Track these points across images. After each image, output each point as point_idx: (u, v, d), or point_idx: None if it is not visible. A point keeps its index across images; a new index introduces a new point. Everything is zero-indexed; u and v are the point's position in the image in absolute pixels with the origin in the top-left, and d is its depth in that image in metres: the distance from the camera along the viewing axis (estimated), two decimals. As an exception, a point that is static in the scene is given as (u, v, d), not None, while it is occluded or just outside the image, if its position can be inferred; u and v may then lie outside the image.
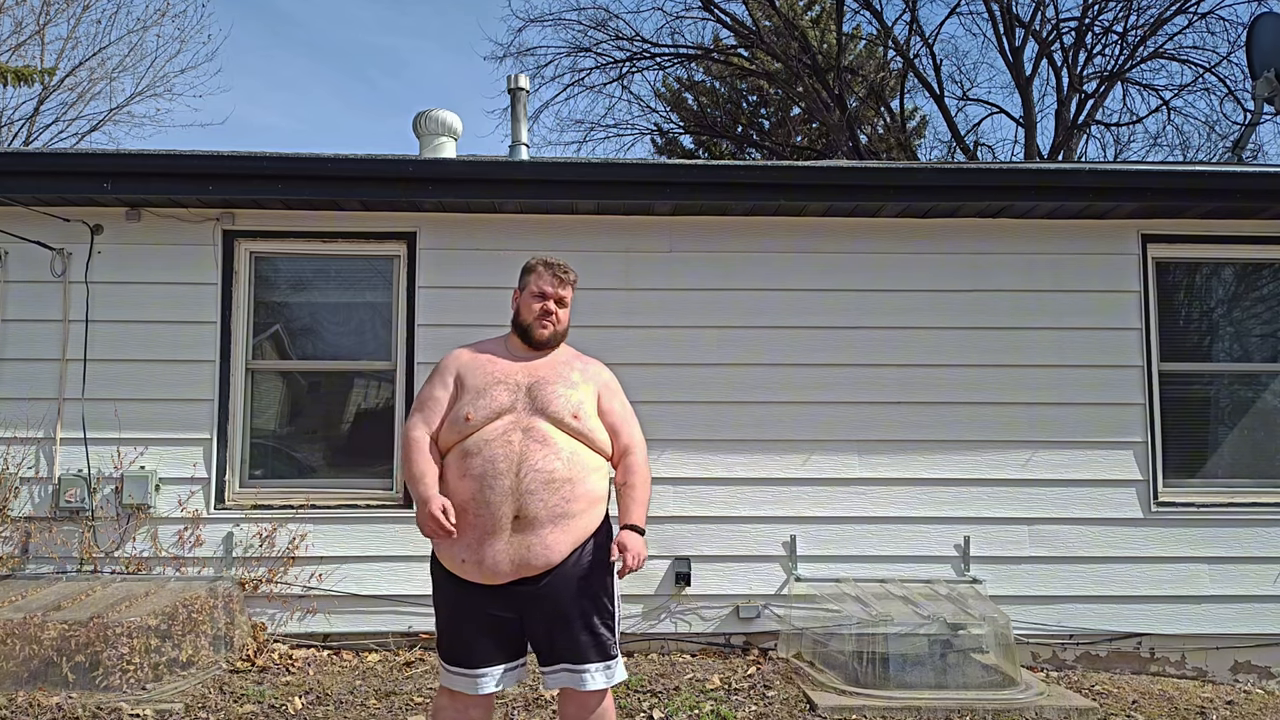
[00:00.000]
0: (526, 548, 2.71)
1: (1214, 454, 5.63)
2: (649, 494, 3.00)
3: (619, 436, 2.96)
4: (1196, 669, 5.32)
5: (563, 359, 3.00)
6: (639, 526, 2.92)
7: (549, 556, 2.73)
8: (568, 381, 2.90)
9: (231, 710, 4.13)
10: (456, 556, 2.77)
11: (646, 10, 31.30)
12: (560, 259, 3.08)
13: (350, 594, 5.22)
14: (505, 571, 2.71)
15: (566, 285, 3.03)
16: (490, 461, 2.73)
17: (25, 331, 5.32)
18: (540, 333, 2.96)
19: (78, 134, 18.59)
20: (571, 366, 2.98)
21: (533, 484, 2.71)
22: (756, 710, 4.28)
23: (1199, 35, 21.06)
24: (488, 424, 2.79)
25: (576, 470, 2.79)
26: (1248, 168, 6.36)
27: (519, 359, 2.95)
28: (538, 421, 2.79)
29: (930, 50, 17.41)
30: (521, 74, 6.23)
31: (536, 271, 3.04)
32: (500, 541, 2.71)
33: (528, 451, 2.74)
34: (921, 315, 5.49)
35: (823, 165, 7.84)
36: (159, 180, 5.21)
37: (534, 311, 2.97)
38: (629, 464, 2.97)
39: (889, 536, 5.37)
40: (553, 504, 2.73)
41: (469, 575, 2.75)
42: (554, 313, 2.98)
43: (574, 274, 3.07)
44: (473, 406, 2.81)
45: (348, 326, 5.69)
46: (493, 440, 2.76)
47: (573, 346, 3.09)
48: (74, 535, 5.19)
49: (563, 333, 3.02)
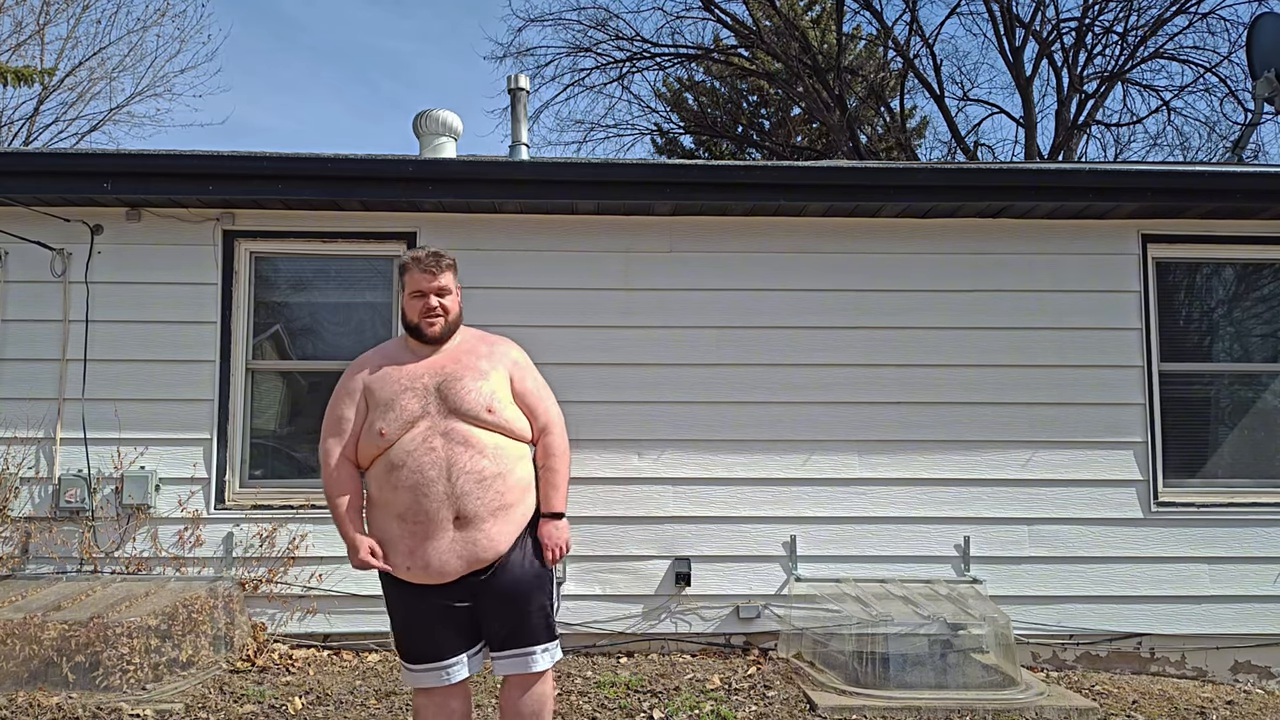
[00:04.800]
0: (473, 543, 2.76)
1: (1214, 454, 5.63)
2: (568, 472, 3.01)
3: (536, 416, 2.97)
4: (1196, 669, 5.33)
5: (466, 348, 2.95)
6: (557, 511, 2.95)
7: (496, 548, 2.79)
8: (476, 372, 2.87)
9: (231, 710, 4.13)
10: (400, 565, 2.81)
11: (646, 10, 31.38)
12: (432, 248, 2.98)
13: (350, 594, 5.22)
14: (455, 569, 2.76)
15: (441, 273, 2.92)
16: (418, 471, 2.74)
17: (25, 331, 5.32)
18: (430, 330, 2.91)
19: (78, 134, 18.61)
20: (477, 354, 2.93)
21: (466, 485, 2.74)
22: (756, 710, 4.28)
23: (1199, 35, 21.09)
24: (404, 434, 2.79)
25: (504, 464, 2.82)
26: (1248, 168, 6.36)
27: (421, 358, 2.91)
28: (455, 423, 2.79)
29: (930, 50, 17.43)
30: (521, 74, 6.23)
31: (409, 271, 2.93)
32: (443, 541, 2.75)
33: (454, 455, 2.75)
34: (921, 315, 5.49)
35: (823, 165, 7.83)
36: (159, 180, 5.21)
37: (417, 310, 2.91)
38: (547, 444, 2.98)
39: (889, 536, 5.37)
40: (489, 499, 2.77)
41: (416, 579, 2.80)
42: (437, 305, 2.90)
43: (449, 258, 2.97)
44: (384, 420, 2.80)
45: (348, 326, 5.69)
46: (415, 450, 2.76)
47: (480, 330, 3.07)
48: (74, 535, 5.19)
49: (455, 322, 2.96)
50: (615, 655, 5.20)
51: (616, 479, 5.34)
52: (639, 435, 5.38)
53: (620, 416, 5.37)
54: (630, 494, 5.34)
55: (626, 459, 5.36)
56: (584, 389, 5.27)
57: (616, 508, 5.33)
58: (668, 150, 20.48)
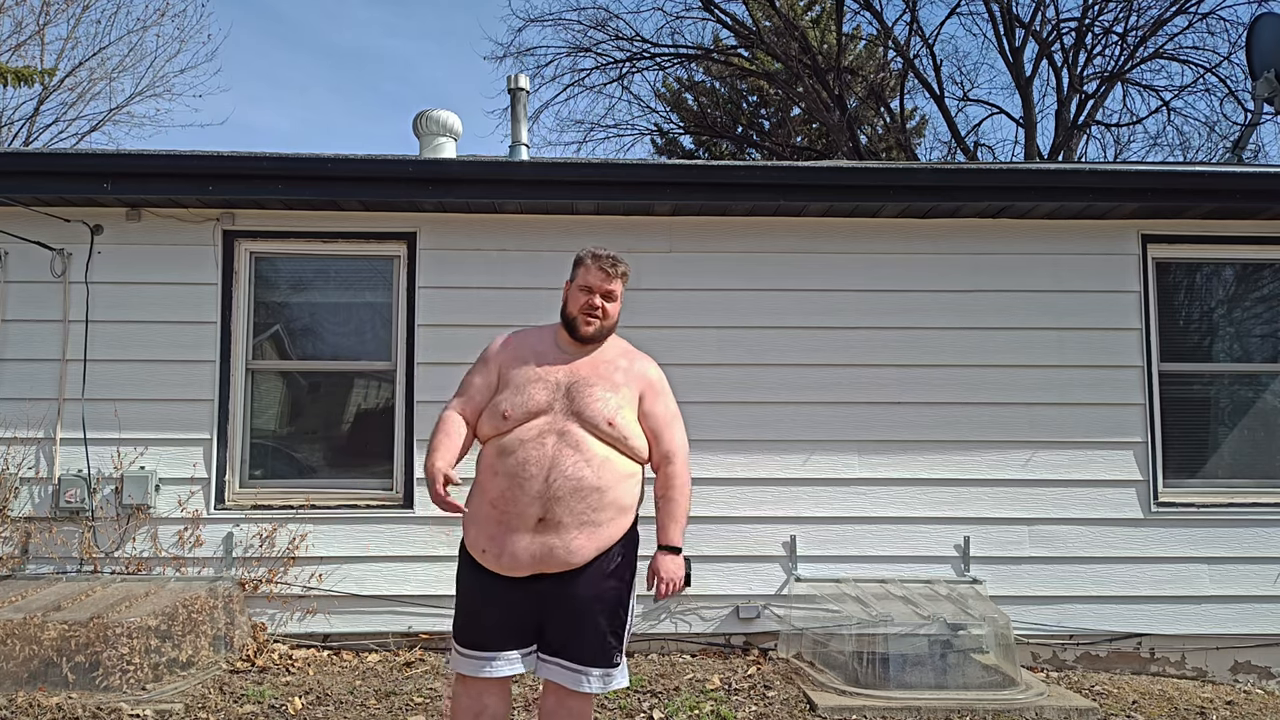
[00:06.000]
0: (548, 548, 2.72)
1: (1214, 454, 5.63)
2: (689, 505, 2.95)
3: (659, 442, 2.91)
4: (1196, 669, 5.32)
5: (608, 356, 2.93)
6: (675, 546, 2.90)
7: (569, 559, 2.74)
8: (609, 383, 2.85)
9: (231, 710, 4.13)
10: (479, 545, 2.80)
11: (646, 10, 31.35)
12: (611, 251, 2.95)
13: (350, 594, 5.22)
14: (524, 565, 2.73)
15: (615, 279, 2.91)
16: (522, 464, 2.72)
17: (25, 331, 5.32)
18: (585, 328, 2.88)
19: (78, 134, 18.60)
20: (615, 365, 2.90)
21: (561, 490, 2.70)
22: (756, 710, 4.28)
23: (1199, 35, 21.04)
24: (523, 423, 2.77)
25: (606, 478, 2.76)
26: (1248, 168, 6.36)
27: (563, 353, 2.90)
28: (573, 425, 2.76)
29: (930, 50, 17.42)
30: (521, 74, 6.23)
31: (585, 264, 2.92)
32: (523, 539, 2.72)
33: (560, 456, 2.72)
34: (921, 315, 5.48)
35: (823, 165, 7.84)
36: (159, 180, 5.21)
37: (580, 305, 2.88)
38: (669, 474, 2.93)
39: (889, 536, 5.37)
40: (578, 511, 2.72)
41: (488, 564, 2.78)
42: (600, 307, 2.88)
43: (624, 265, 2.94)
44: (510, 404, 2.80)
45: (348, 327, 5.69)
46: (527, 441, 2.75)
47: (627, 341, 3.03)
48: (74, 535, 5.19)
49: (610, 327, 2.94)
50: (615, 655, 5.20)
51: (616, 479, 5.33)
52: None
53: (620, 416, 5.35)
54: (630, 494, 5.33)
55: (626, 459, 5.35)
56: (584, 389, 5.25)
57: (616, 508, 5.31)
58: (668, 150, 20.47)
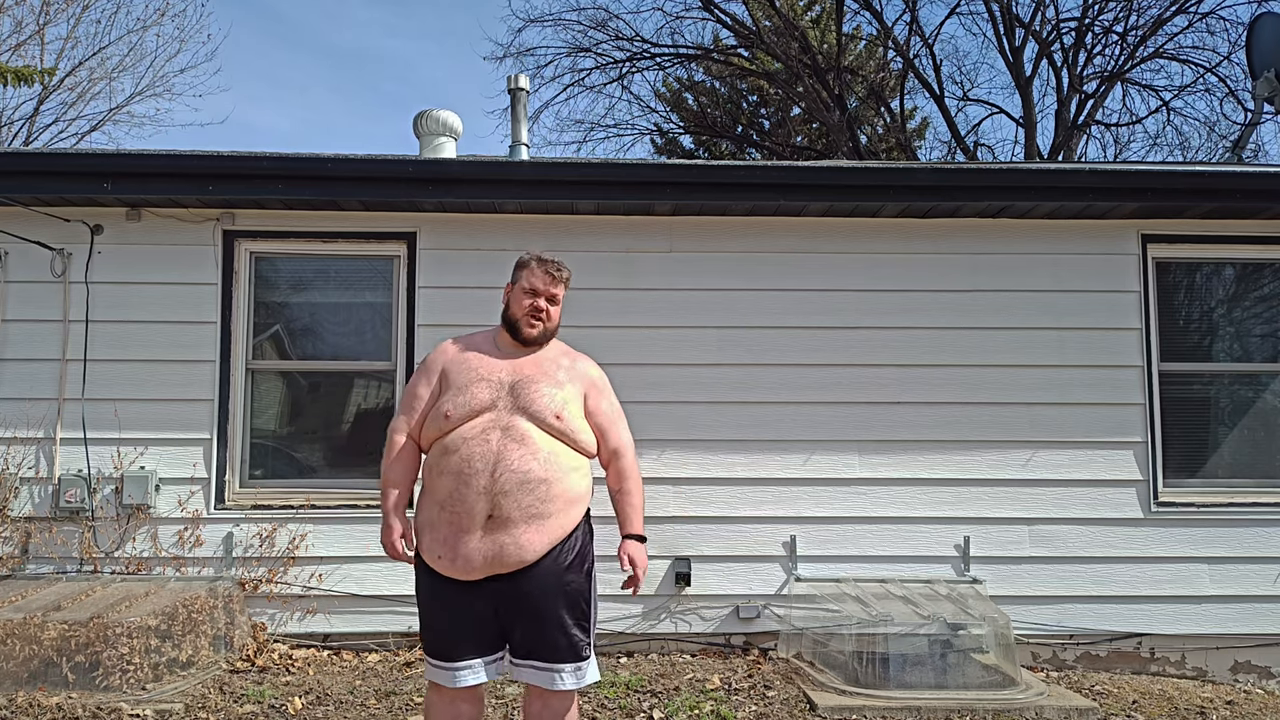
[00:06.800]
0: (499, 546, 2.72)
1: (1214, 454, 5.63)
2: (643, 495, 3.01)
3: (607, 438, 2.97)
4: (1196, 669, 5.33)
5: (550, 356, 2.97)
6: (640, 534, 2.93)
7: (522, 555, 2.73)
8: (553, 380, 2.88)
9: (231, 710, 4.13)
10: (434, 552, 2.79)
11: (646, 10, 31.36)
12: (555, 256, 3.03)
13: (350, 594, 5.22)
14: (477, 566, 2.73)
15: (559, 283, 2.98)
16: (466, 460, 2.73)
17: (25, 331, 5.32)
18: (529, 330, 2.93)
19: (78, 134, 18.59)
20: (558, 364, 2.95)
21: (507, 484, 2.71)
22: (756, 710, 4.28)
23: (1199, 35, 21.04)
24: (466, 421, 2.79)
25: (554, 470, 2.77)
26: (1248, 168, 6.35)
27: (506, 355, 2.94)
28: (518, 420, 2.78)
29: (930, 50, 17.41)
30: (521, 74, 6.23)
31: (529, 268, 2.97)
32: (473, 539, 2.72)
33: (505, 451, 2.73)
34: (921, 315, 5.49)
35: (823, 165, 7.83)
36: (159, 180, 5.21)
37: (524, 308, 2.93)
38: (621, 468, 2.97)
39: (889, 536, 5.37)
40: (526, 504, 2.72)
41: (444, 570, 2.77)
42: (544, 310, 2.94)
43: (568, 271, 3.02)
44: (453, 404, 2.82)
45: (348, 327, 5.69)
46: (471, 438, 2.76)
47: (566, 343, 3.07)
48: (74, 535, 5.19)
49: (553, 330, 2.99)
50: (615, 655, 5.20)
51: (616, 479, 5.33)
52: (639, 435, 5.24)
53: (620, 416, 5.36)
54: (630, 494, 5.33)
55: (626, 459, 5.36)
56: (584, 389, 5.26)
57: (616, 508, 5.32)
58: (668, 150, 20.47)
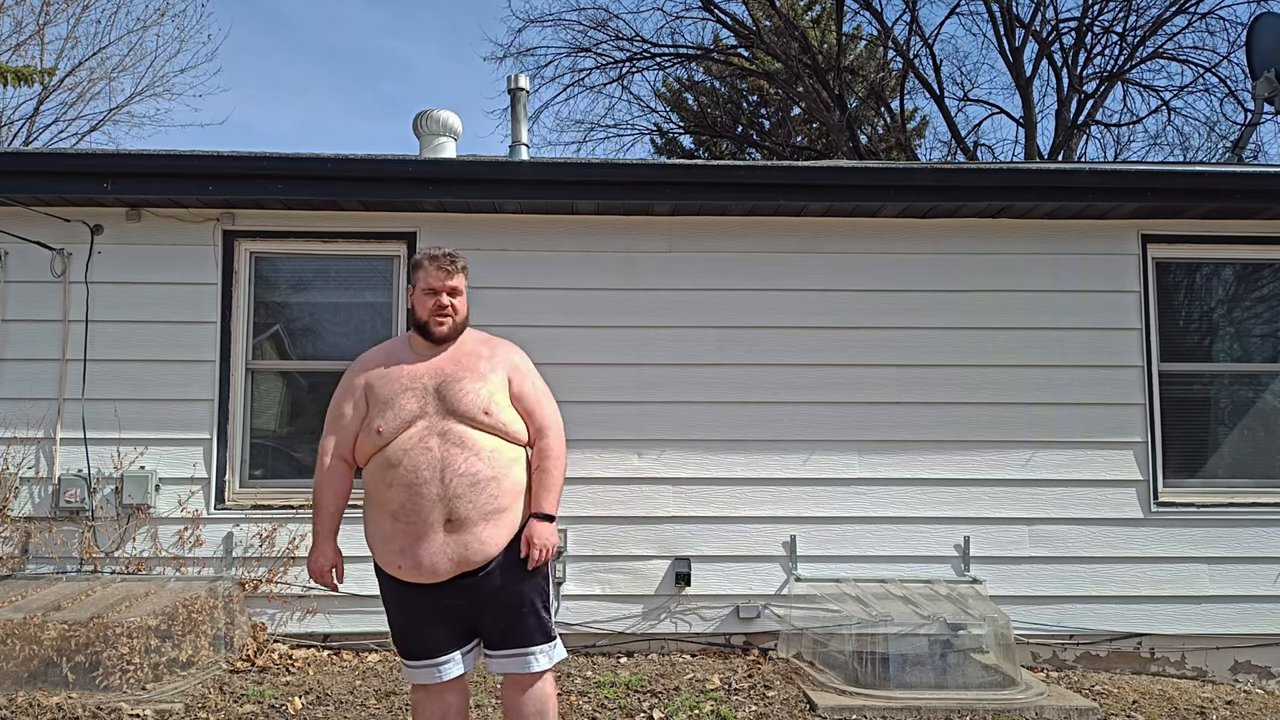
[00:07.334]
0: (464, 546, 2.77)
1: (1214, 454, 5.63)
2: (563, 475, 3.01)
3: (533, 418, 2.98)
4: (1196, 669, 5.32)
5: (468, 349, 2.98)
6: (547, 514, 2.94)
7: (486, 551, 2.80)
8: (475, 374, 2.90)
9: (231, 710, 4.13)
10: (392, 562, 2.84)
11: (646, 10, 31.34)
12: (447, 248, 3.02)
13: (350, 594, 5.20)
14: (445, 570, 2.78)
15: (456, 274, 2.97)
16: (413, 470, 2.77)
17: (25, 331, 5.32)
18: (438, 329, 2.94)
19: (78, 134, 18.58)
20: (478, 355, 2.96)
21: (459, 488, 2.76)
22: (756, 710, 4.28)
23: (1199, 35, 21.07)
24: (401, 433, 2.82)
25: (499, 467, 2.83)
26: (1248, 168, 6.35)
27: (423, 357, 2.95)
28: (452, 424, 2.81)
29: (930, 51, 17.41)
30: (521, 74, 6.23)
31: (424, 268, 2.97)
32: (434, 543, 2.77)
33: (449, 456, 2.77)
34: (921, 315, 5.49)
35: (823, 165, 7.83)
36: (159, 180, 5.21)
37: (428, 308, 2.93)
38: (543, 447, 2.98)
39: (889, 536, 5.37)
40: (481, 503, 2.78)
41: (408, 577, 2.82)
42: (448, 305, 2.94)
43: (463, 260, 3.01)
44: (382, 418, 2.84)
45: (348, 327, 5.68)
46: (411, 449, 2.79)
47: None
48: (74, 535, 5.19)
49: (462, 322, 2.99)
50: (615, 655, 5.20)
51: (616, 479, 5.34)
52: (639, 435, 5.38)
53: (620, 416, 5.37)
54: (630, 494, 5.34)
55: (626, 459, 5.36)
56: (584, 389, 5.27)
57: (616, 508, 5.33)
58: (668, 150, 20.47)
